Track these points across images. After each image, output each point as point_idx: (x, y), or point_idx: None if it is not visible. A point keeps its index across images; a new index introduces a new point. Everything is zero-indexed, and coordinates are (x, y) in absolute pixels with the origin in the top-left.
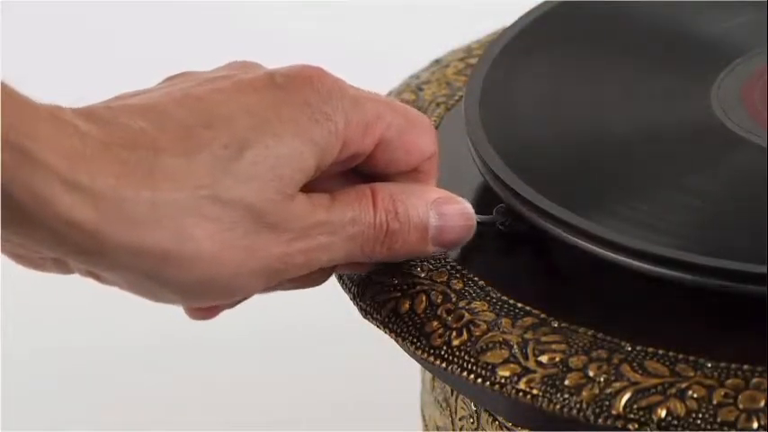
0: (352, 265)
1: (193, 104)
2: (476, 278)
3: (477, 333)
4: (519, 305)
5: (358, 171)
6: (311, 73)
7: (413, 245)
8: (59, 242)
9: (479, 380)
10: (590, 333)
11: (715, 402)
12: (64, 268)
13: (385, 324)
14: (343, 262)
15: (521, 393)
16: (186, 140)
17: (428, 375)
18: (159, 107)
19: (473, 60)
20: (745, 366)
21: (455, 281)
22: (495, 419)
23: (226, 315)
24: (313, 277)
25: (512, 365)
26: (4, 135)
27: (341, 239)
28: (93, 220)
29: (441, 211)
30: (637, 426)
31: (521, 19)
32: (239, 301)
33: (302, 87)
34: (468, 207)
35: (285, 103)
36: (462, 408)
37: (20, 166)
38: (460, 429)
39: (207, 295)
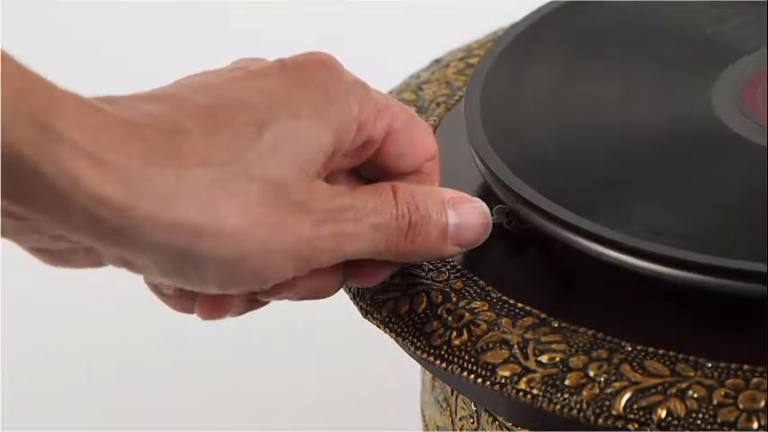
0: (369, 271)
1: (210, 91)
2: (476, 278)
3: (478, 333)
4: (519, 305)
5: (366, 175)
6: (322, 57)
7: (433, 242)
8: (92, 222)
9: (479, 380)
10: (590, 333)
11: (715, 402)
12: (94, 259)
13: (385, 324)
14: (370, 256)
15: (521, 393)
16: (207, 120)
17: (428, 375)
18: (178, 95)
19: (473, 60)
20: (746, 366)
21: (455, 280)
22: (495, 419)
23: None
24: (326, 285)
25: (512, 365)
26: (30, 114)
27: (366, 228)
28: (122, 195)
29: (458, 210)
30: (637, 426)
31: (522, 20)
32: (248, 309)
33: (315, 70)
34: (483, 206)
35: (299, 86)
36: (462, 408)
37: (47, 144)
38: (460, 429)
39: (240, 277)
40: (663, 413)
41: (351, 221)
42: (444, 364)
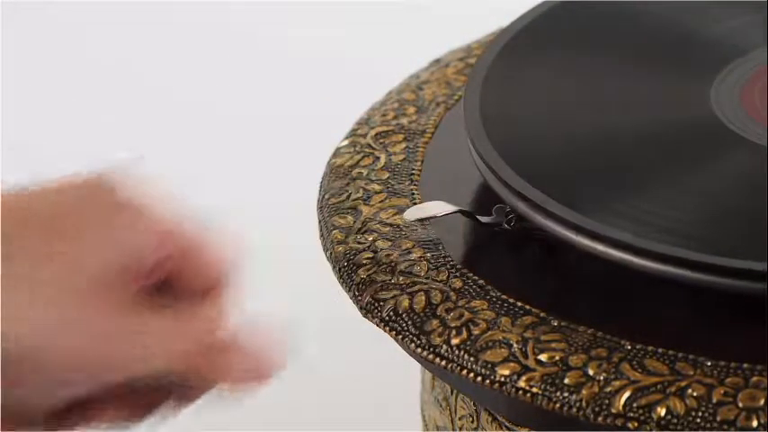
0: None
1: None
2: (475, 277)
3: (477, 332)
4: (518, 304)
5: (163, 296)
6: (111, 178)
7: (236, 368)
8: None
9: (479, 378)
10: (590, 332)
11: (715, 401)
12: None
13: (385, 323)
14: (166, 375)
15: (520, 392)
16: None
17: (428, 375)
18: None
19: (473, 60)
20: (745, 365)
21: (454, 279)
22: (494, 419)
23: None
24: (130, 415)
25: (511, 364)
26: None
27: (160, 347)
28: None
29: (255, 337)
30: (636, 424)
31: (520, 18)
32: None
33: (103, 192)
34: (270, 334)
35: (87, 203)
36: (462, 407)
37: None
38: (460, 429)
39: (25, 379)
40: (662, 411)
41: (145, 336)
42: (444, 363)
